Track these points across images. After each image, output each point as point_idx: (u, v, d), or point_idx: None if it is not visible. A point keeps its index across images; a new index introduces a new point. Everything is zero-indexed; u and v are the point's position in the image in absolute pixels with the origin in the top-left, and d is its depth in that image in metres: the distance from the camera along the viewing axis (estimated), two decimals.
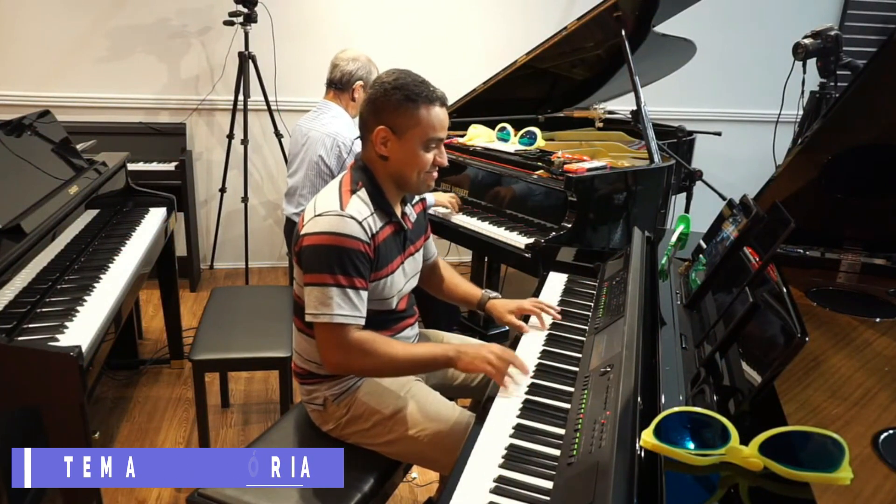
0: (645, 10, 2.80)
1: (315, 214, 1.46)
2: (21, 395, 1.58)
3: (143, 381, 2.86)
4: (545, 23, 3.71)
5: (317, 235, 1.44)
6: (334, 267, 1.42)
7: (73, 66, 3.63)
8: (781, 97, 3.11)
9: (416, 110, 1.46)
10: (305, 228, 1.47)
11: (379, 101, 1.48)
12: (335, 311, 1.42)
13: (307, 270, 1.46)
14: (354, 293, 1.44)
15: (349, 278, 1.43)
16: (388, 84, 1.48)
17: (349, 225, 1.43)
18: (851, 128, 1.70)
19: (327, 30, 3.82)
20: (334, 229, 1.43)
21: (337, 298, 1.42)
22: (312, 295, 1.44)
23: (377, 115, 1.49)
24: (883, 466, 1.05)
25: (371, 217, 1.49)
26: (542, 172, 2.50)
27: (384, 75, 1.52)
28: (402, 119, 1.47)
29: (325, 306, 1.42)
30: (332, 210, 1.45)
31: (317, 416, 1.64)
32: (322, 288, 1.42)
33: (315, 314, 1.44)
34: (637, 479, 0.93)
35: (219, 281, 3.99)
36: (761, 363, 1.09)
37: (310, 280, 1.45)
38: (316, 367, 1.60)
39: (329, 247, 1.42)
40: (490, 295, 1.81)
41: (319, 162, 2.63)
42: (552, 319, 1.70)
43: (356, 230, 1.44)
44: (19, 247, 1.74)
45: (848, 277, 1.80)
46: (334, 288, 1.42)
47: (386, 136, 1.49)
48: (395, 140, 1.49)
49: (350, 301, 1.44)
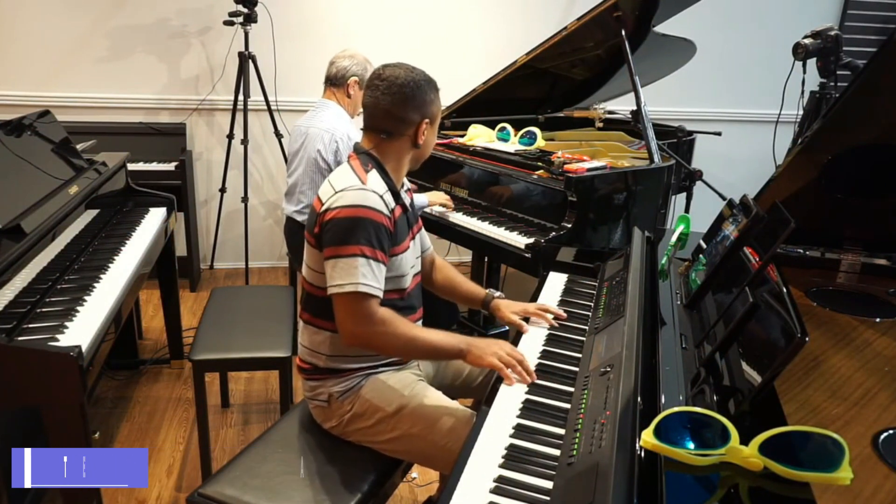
0: (645, 10, 2.80)
1: (337, 191, 1.50)
2: (21, 395, 1.58)
3: (143, 381, 2.86)
4: (545, 23, 3.71)
5: (342, 209, 1.47)
6: (360, 238, 1.45)
7: (73, 66, 3.62)
8: (781, 97, 3.10)
9: (437, 97, 1.60)
10: (327, 204, 1.49)
11: (418, 97, 1.55)
12: (360, 279, 1.44)
13: (331, 243, 1.47)
14: (377, 265, 1.47)
15: (373, 249, 1.46)
16: (416, 80, 1.55)
17: (372, 198, 1.48)
18: (851, 128, 1.70)
19: (327, 30, 3.82)
20: (359, 202, 1.47)
21: (362, 268, 1.44)
22: (338, 266, 1.45)
23: (420, 110, 1.56)
24: (883, 466, 1.05)
25: (387, 194, 1.54)
26: (542, 172, 2.50)
27: (398, 73, 1.54)
28: (435, 108, 1.59)
29: (351, 276, 1.44)
30: (355, 185, 1.49)
31: (319, 413, 1.64)
32: (348, 259, 1.45)
33: (341, 284, 1.45)
34: (637, 479, 0.93)
35: (219, 281, 3.99)
36: (761, 363, 1.09)
37: (333, 252, 1.46)
38: (322, 361, 1.61)
39: (355, 219, 1.46)
40: (495, 294, 1.82)
41: (318, 157, 2.63)
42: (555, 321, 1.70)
43: (379, 203, 1.49)
44: (19, 247, 1.74)
45: (848, 277, 1.80)
46: (360, 258, 1.45)
47: (426, 128, 1.59)
48: (430, 129, 1.60)
49: (373, 272, 1.46)
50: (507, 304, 1.77)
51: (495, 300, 1.80)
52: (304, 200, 2.66)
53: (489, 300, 1.81)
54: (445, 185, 2.92)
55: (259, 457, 1.56)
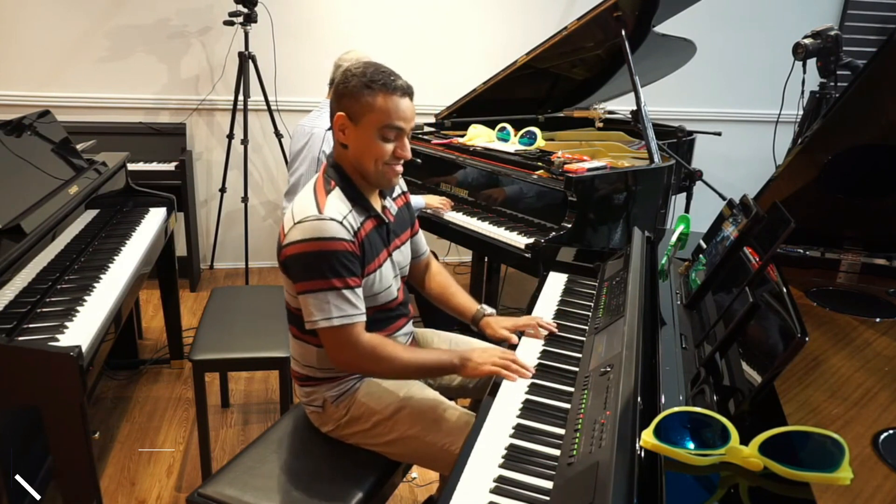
0: (645, 10, 2.80)
1: (295, 223, 1.43)
2: (21, 395, 1.58)
3: (143, 381, 2.86)
4: (545, 23, 3.71)
5: (300, 244, 1.41)
6: (325, 271, 1.41)
7: (73, 66, 3.62)
8: (781, 97, 3.11)
9: (371, 97, 1.44)
10: (287, 238, 1.44)
11: (339, 87, 1.48)
12: (334, 314, 1.42)
13: (298, 279, 1.44)
14: (350, 292, 1.44)
15: (342, 279, 1.42)
16: (350, 72, 1.48)
17: (331, 227, 1.41)
18: (851, 128, 1.70)
19: (327, 30, 3.82)
20: (317, 234, 1.40)
21: (334, 301, 1.42)
22: (308, 303, 1.43)
23: (338, 102, 1.49)
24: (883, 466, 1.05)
25: (350, 214, 1.48)
26: (542, 172, 2.50)
27: (353, 65, 1.51)
28: (358, 105, 1.46)
29: (324, 311, 1.42)
30: (311, 215, 1.42)
31: (316, 418, 1.64)
32: (317, 294, 1.42)
33: (315, 321, 1.43)
34: (637, 479, 0.93)
35: (219, 281, 3.99)
36: (761, 363, 1.09)
37: (303, 288, 1.44)
38: (313, 371, 1.60)
39: (315, 253, 1.41)
40: (486, 311, 1.75)
41: (322, 157, 2.64)
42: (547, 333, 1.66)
43: (338, 231, 1.42)
44: (19, 247, 1.74)
45: (848, 277, 1.80)
46: (330, 292, 1.41)
47: (343, 123, 1.48)
48: (352, 127, 1.48)
49: (347, 301, 1.43)
50: (497, 321, 1.71)
51: (485, 318, 1.73)
52: None
53: (479, 317, 1.74)
54: (446, 185, 2.92)
55: (259, 457, 1.56)
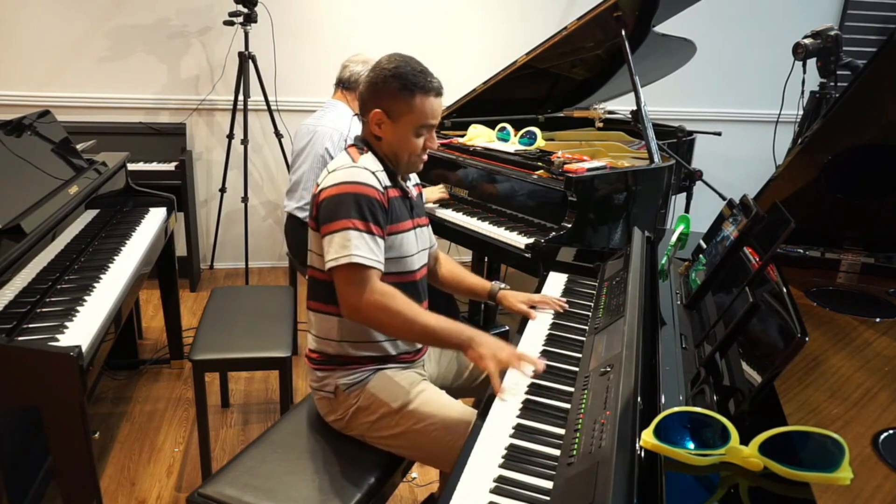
0: (645, 10, 2.80)
1: (329, 172, 1.55)
2: (21, 395, 1.58)
3: (143, 381, 2.86)
4: (545, 23, 3.72)
5: (332, 187, 1.50)
6: (351, 212, 1.48)
7: (73, 66, 3.63)
8: (781, 97, 3.11)
9: (411, 99, 1.54)
10: (321, 186, 1.54)
11: (378, 85, 1.56)
12: (353, 251, 1.46)
13: (324, 221, 1.50)
14: (371, 238, 1.49)
15: (366, 223, 1.48)
16: (388, 71, 1.55)
17: (362, 174, 1.51)
18: (851, 128, 1.70)
19: (327, 30, 3.82)
20: (349, 178, 1.50)
21: (356, 241, 1.46)
22: (333, 242, 1.48)
23: (375, 99, 1.57)
24: (883, 466, 1.05)
25: (381, 173, 1.56)
26: (542, 172, 2.50)
27: (385, 60, 1.58)
28: (398, 105, 1.55)
29: (345, 248, 1.46)
30: (345, 164, 1.54)
31: (324, 405, 1.64)
32: (341, 233, 1.47)
33: (335, 258, 1.47)
34: (637, 479, 0.93)
35: (219, 281, 3.99)
36: (761, 363, 1.09)
37: (327, 229, 1.49)
38: (333, 347, 1.62)
39: (344, 195, 1.49)
40: (500, 286, 1.86)
41: (325, 154, 2.65)
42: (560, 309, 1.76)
43: (370, 179, 1.51)
44: (19, 247, 1.74)
45: (848, 277, 1.80)
46: (352, 231, 1.47)
47: (381, 119, 1.57)
48: (389, 123, 1.57)
49: (367, 245, 1.48)
50: (514, 295, 1.82)
51: (502, 291, 1.84)
52: (307, 197, 2.67)
53: (496, 291, 1.85)
54: (446, 185, 2.92)
55: (259, 457, 1.56)
